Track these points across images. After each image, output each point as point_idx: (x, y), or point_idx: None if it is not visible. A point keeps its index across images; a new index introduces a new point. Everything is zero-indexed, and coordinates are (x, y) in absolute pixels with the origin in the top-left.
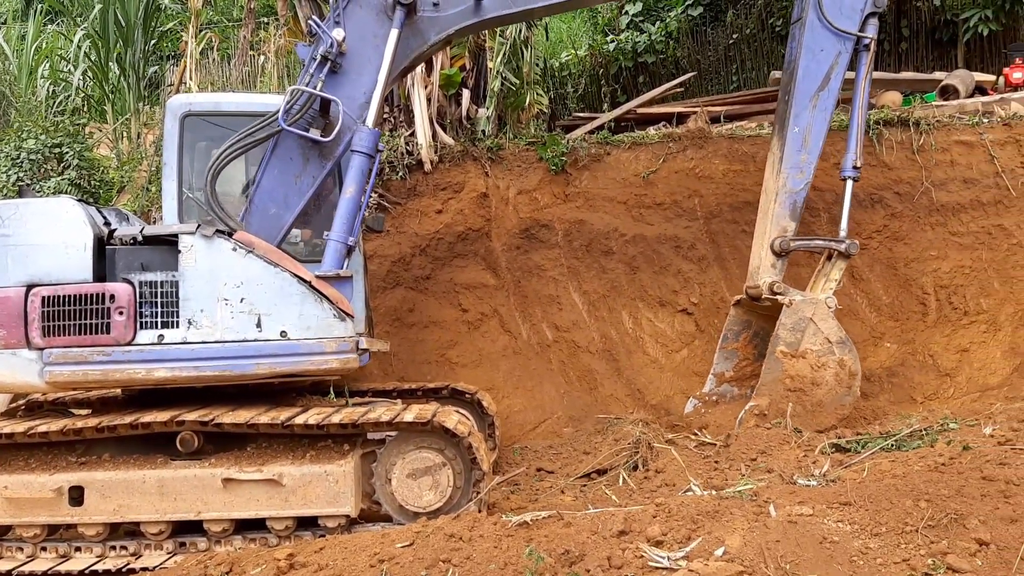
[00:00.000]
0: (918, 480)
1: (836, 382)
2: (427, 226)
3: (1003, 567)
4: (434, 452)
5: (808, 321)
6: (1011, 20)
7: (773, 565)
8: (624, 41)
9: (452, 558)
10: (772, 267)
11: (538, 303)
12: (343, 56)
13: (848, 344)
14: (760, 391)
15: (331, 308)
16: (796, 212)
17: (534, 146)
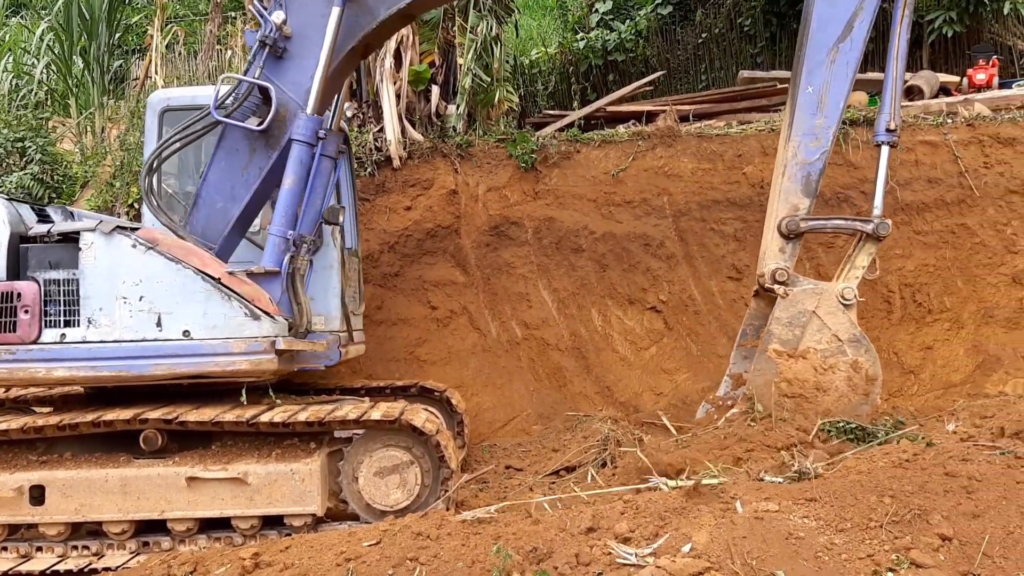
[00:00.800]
0: (882, 476)
1: (849, 388)
2: (396, 223)
3: (965, 562)
4: (402, 450)
5: (810, 315)
6: (975, 22)
7: (740, 561)
8: (594, 39)
9: (419, 556)
10: (780, 252)
11: (507, 300)
12: (288, 40)
13: (864, 343)
14: (747, 395)
15: (242, 306)
16: (810, 187)
17: (504, 143)
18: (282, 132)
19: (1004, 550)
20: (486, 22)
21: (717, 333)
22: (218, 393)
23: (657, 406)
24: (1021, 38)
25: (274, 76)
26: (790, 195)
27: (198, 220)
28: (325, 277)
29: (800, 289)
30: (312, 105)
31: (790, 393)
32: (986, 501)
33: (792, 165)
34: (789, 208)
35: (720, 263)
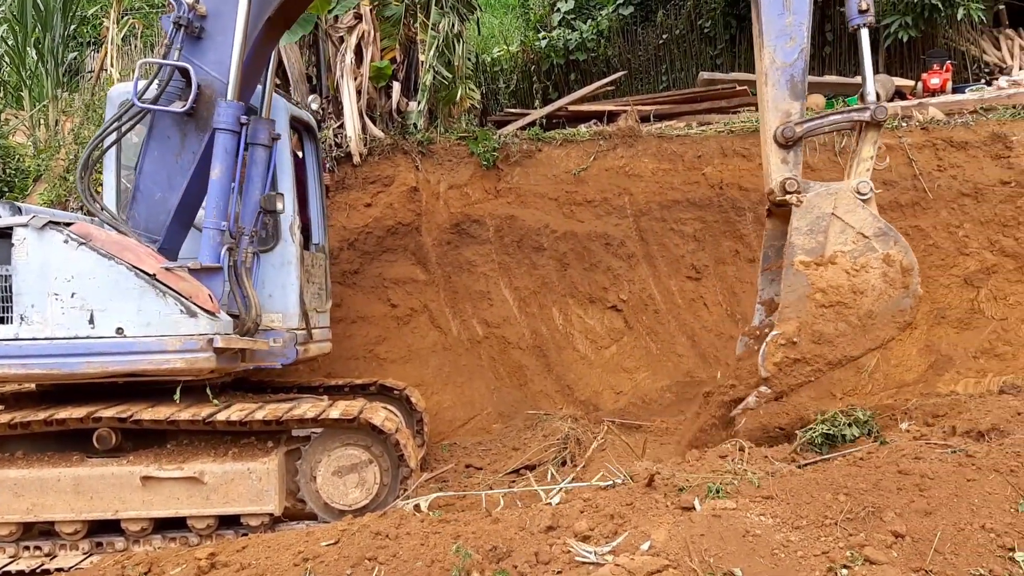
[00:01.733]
0: (837, 474)
1: (886, 284)
2: (356, 220)
3: (918, 558)
4: (360, 449)
5: (830, 217)
6: (930, 27)
7: (697, 558)
8: (556, 38)
9: (378, 556)
10: (783, 163)
11: (468, 299)
12: (203, 19)
13: (891, 233)
14: (784, 315)
15: (177, 303)
16: (797, 89)
17: (465, 141)
18: (210, 113)
19: (955, 547)
20: (448, 19)
21: (676, 332)
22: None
23: (617, 404)
24: (974, 44)
25: (194, 57)
26: (779, 103)
27: (139, 213)
28: (283, 274)
29: (814, 194)
30: (232, 89)
31: (827, 303)
32: (938, 499)
33: (773, 72)
34: (781, 116)
35: (680, 263)
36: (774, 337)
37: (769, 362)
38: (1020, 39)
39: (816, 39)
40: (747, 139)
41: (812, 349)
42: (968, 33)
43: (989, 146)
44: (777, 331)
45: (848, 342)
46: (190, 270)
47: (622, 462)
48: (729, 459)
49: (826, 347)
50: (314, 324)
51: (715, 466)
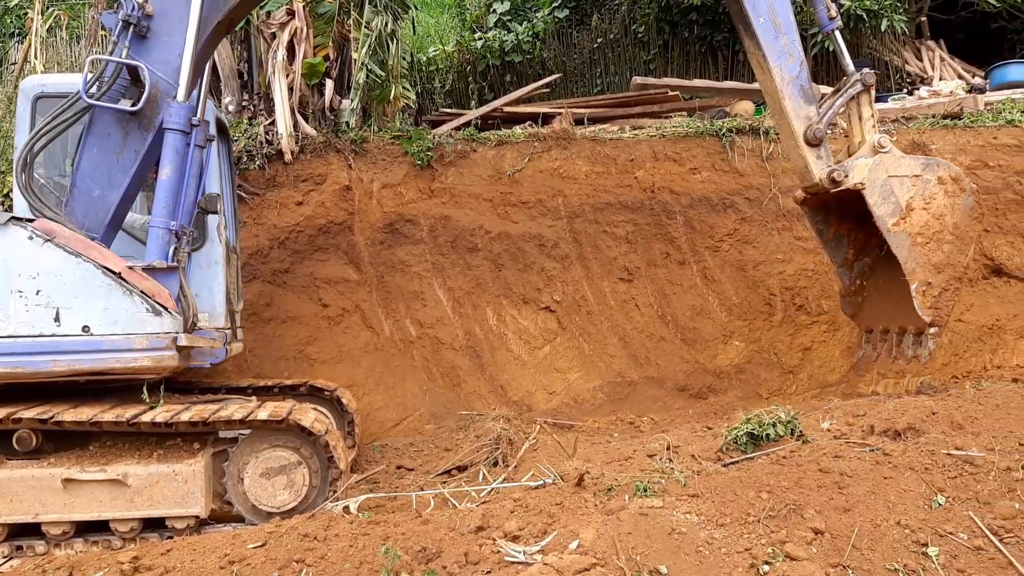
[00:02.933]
0: (760, 472)
1: (950, 197)
2: (286, 218)
3: (836, 554)
4: (289, 451)
5: (888, 180)
6: (855, 37)
7: (624, 556)
8: (492, 39)
9: (306, 558)
10: (819, 159)
11: (402, 299)
12: (150, 18)
13: (931, 162)
14: (908, 268)
15: (144, 302)
16: (809, 95)
17: (399, 140)
18: (155, 113)
19: (872, 542)
20: (381, 17)
21: (608, 333)
22: (108, 391)
23: (550, 405)
24: (897, 54)
25: (139, 56)
26: (799, 111)
27: (76, 210)
28: (211, 273)
29: (869, 171)
30: (183, 90)
31: (926, 239)
32: (856, 496)
33: (786, 87)
34: (804, 121)
35: (612, 264)
36: (915, 289)
37: (924, 308)
38: (940, 50)
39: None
40: (678, 144)
41: (940, 278)
42: (891, 44)
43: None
44: (914, 284)
45: (958, 254)
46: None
47: (553, 462)
48: (657, 458)
49: (948, 270)
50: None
51: (643, 465)
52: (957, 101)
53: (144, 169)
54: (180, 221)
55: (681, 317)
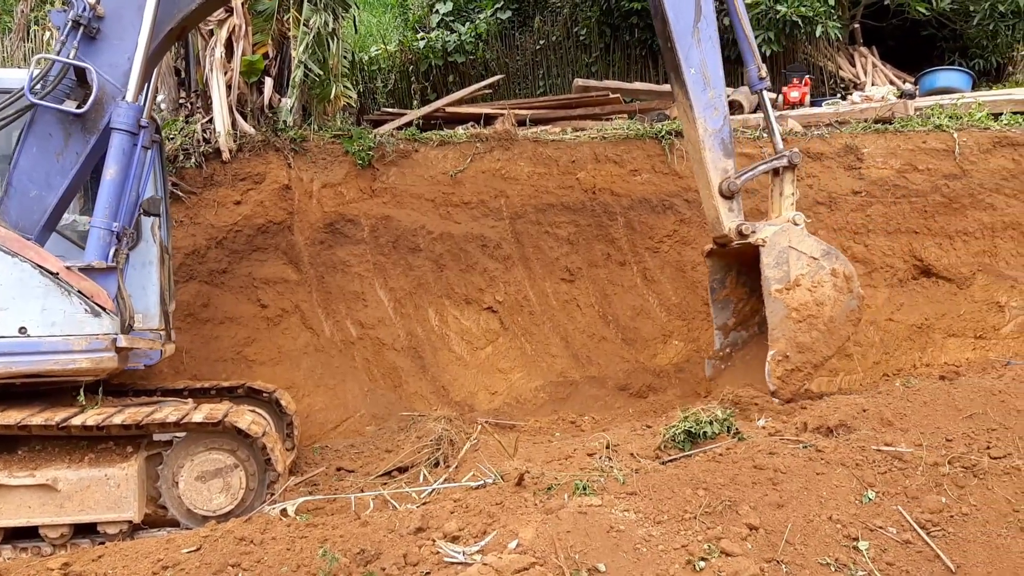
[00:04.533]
0: (697, 469)
1: (837, 292)
2: (224, 217)
3: (770, 549)
4: (225, 453)
5: (788, 250)
6: (791, 43)
7: (563, 555)
8: (434, 39)
9: (242, 562)
10: (730, 211)
11: (342, 299)
12: (101, 20)
13: (832, 252)
14: (774, 336)
15: (83, 302)
16: (728, 149)
17: (340, 139)
18: (99, 116)
19: (804, 537)
20: (321, 16)
21: (550, 333)
22: (38, 394)
23: (492, 405)
24: (831, 60)
25: (88, 58)
26: (717, 163)
27: (11, 209)
28: (145, 273)
29: (773, 233)
30: (132, 91)
31: (801, 318)
32: (790, 492)
33: (707, 139)
34: (720, 173)
35: (554, 265)
36: (772, 356)
37: (774, 377)
38: (873, 57)
39: None
40: (619, 146)
41: (800, 358)
42: (826, 50)
43: (842, 157)
44: (773, 351)
45: (822, 345)
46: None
47: (494, 462)
48: (597, 457)
49: (808, 353)
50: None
51: (583, 464)
52: (888, 106)
53: (84, 172)
54: (121, 222)
55: (622, 317)
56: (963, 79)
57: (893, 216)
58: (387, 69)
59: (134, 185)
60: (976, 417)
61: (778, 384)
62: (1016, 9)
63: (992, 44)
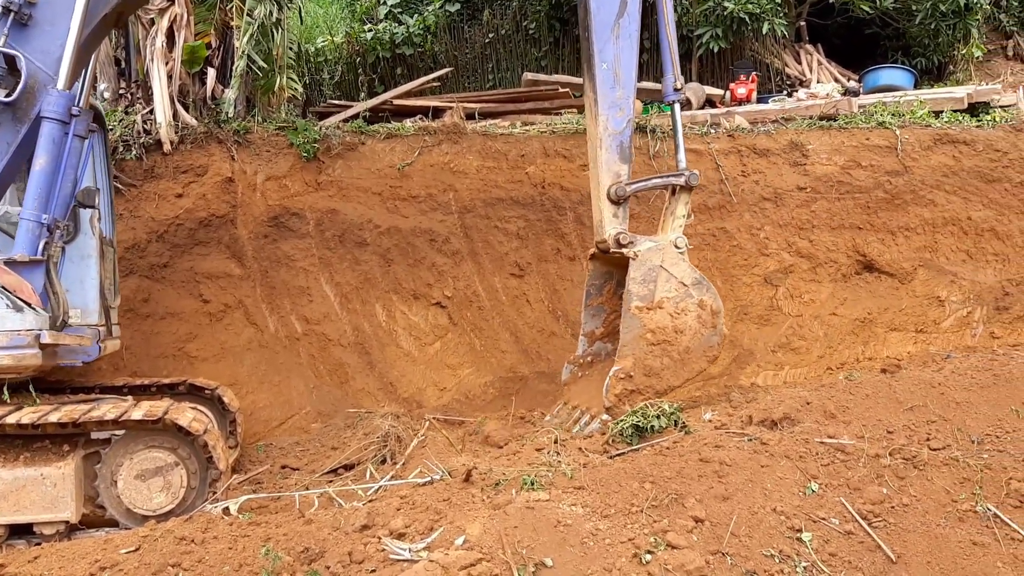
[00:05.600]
0: (644, 463)
1: (700, 324)
2: (165, 210)
3: (715, 541)
4: (166, 451)
5: (658, 269)
6: (738, 39)
7: (510, 550)
8: (382, 31)
9: (182, 562)
10: (614, 217)
11: (287, 294)
12: (32, 6)
13: (704, 283)
14: (622, 352)
15: (3, 297)
16: (625, 154)
17: (285, 131)
18: (30, 104)
19: (749, 529)
20: (265, 6)
21: (500, 328)
22: None
23: (440, 401)
24: (777, 57)
25: (18, 45)
26: (611, 165)
27: None
28: (83, 267)
29: (646, 248)
30: (64, 79)
31: (655, 341)
32: (735, 484)
33: (606, 138)
34: (612, 177)
35: (503, 260)
36: (615, 372)
37: (611, 394)
38: (818, 54)
39: None
40: (568, 140)
41: (644, 381)
42: (772, 47)
43: (788, 154)
44: (617, 366)
45: (671, 374)
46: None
47: (442, 458)
48: (545, 451)
49: (654, 379)
50: None
51: (531, 459)
52: (833, 103)
53: (15, 162)
54: (53, 214)
55: (571, 312)
56: (906, 77)
57: (837, 212)
58: (334, 61)
59: (68, 176)
60: (916, 409)
61: (613, 402)
62: (957, 9)
63: (934, 43)
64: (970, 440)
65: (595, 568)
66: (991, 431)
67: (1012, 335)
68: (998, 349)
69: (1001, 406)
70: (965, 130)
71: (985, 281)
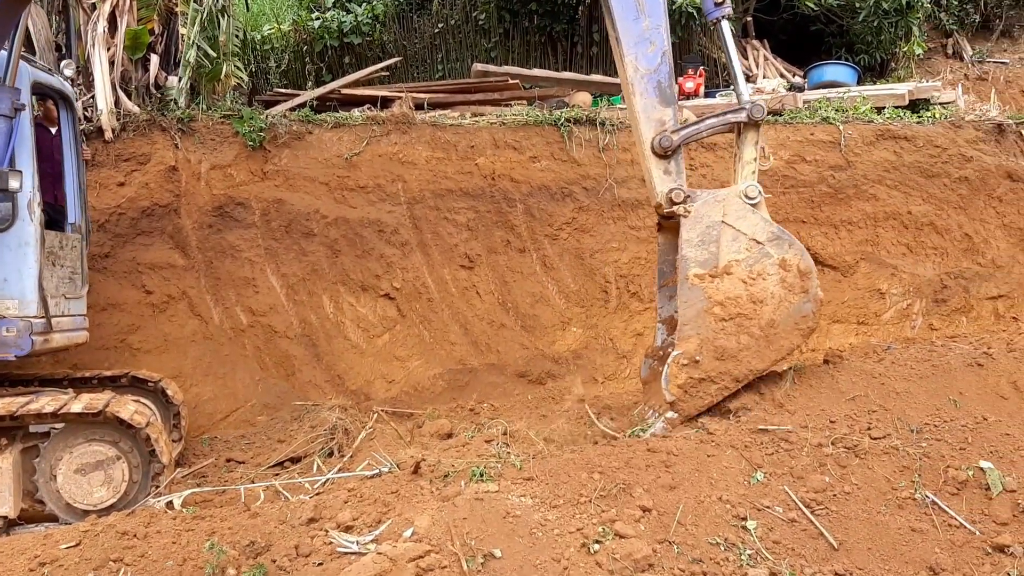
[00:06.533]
0: (593, 454)
1: (785, 290)
2: (107, 200)
3: (662, 530)
4: (107, 445)
5: (720, 226)
6: (686, 33)
7: (459, 542)
8: (330, 20)
9: (124, 557)
10: (665, 174)
11: (232, 286)
12: None
13: (784, 238)
14: (683, 332)
15: None
16: (666, 95)
17: (230, 119)
18: None
19: (695, 518)
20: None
21: (450, 320)
22: None
23: (389, 393)
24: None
25: None
26: (650, 112)
27: None
28: (19, 256)
29: (701, 203)
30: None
31: (726, 316)
32: (682, 474)
33: (639, 81)
34: (655, 125)
35: (453, 252)
36: (675, 357)
37: (673, 385)
38: (764, 50)
39: (585, 39)
40: (518, 132)
41: (716, 366)
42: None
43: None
44: (678, 351)
45: (753, 355)
46: None
47: (391, 451)
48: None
49: (730, 363)
50: (66, 311)
51: (480, 450)
52: (779, 98)
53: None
54: None
55: (521, 304)
56: (849, 73)
57: (782, 206)
58: (280, 49)
59: None
60: (858, 399)
61: (677, 394)
62: (899, 7)
63: (876, 40)
64: (909, 429)
65: (544, 558)
66: (930, 420)
67: (950, 327)
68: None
69: (939, 396)
70: (906, 126)
71: (924, 274)
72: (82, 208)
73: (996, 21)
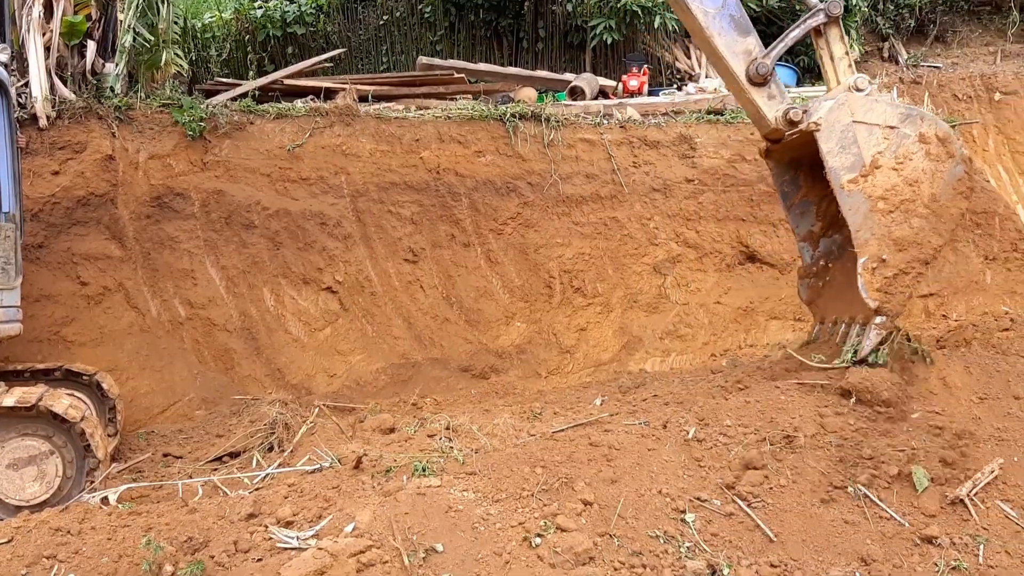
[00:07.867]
0: (536, 448)
1: (933, 162)
2: (41, 188)
3: (603, 523)
4: (40, 439)
5: (852, 126)
6: (631, 32)
7: (401, 537)
8: (273, 9)
9: (58, 554)
10: (770, 98)
11: (170, 277)
12: None
13: (915, 113)
14: (858, 239)
15: None
16: (742, 24)
17: (169, 108)
18: None
19: (636, 511)
20: None
21: (393, 314)
22: None
23: (331, 388)
24: (668, 51)
25: None
26: (733, 46)
27: None
28: None
29: (827, 111)
30: None
31: (891, 207)
32: (623, 467)
33: (710, 22)
34: (744, 57)
35: (397, 245)
36: (864, 264)
37: (871, 290)
38: None
39: (531, 35)
40: (464, 126)
41: (901, 257)
42: (664, 40)
43: (677, 146)
44: (863, 258)
45: (930, 233)
46: None
47: (332, 446)
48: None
49: (913, 249)
50: None
51: (423, 445)
52: (720, 98)
53: None
54: None
55: (465, 299)
56: (788, 74)
57: (723, 204)
58: (222, 38)
59: None
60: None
61: (879, 298)
62: None
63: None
64: None
65: (485, 552)
66: None
67: None
68: None
69: None
70: None
71: None
72: (16, 197)
73: (931, 26)
